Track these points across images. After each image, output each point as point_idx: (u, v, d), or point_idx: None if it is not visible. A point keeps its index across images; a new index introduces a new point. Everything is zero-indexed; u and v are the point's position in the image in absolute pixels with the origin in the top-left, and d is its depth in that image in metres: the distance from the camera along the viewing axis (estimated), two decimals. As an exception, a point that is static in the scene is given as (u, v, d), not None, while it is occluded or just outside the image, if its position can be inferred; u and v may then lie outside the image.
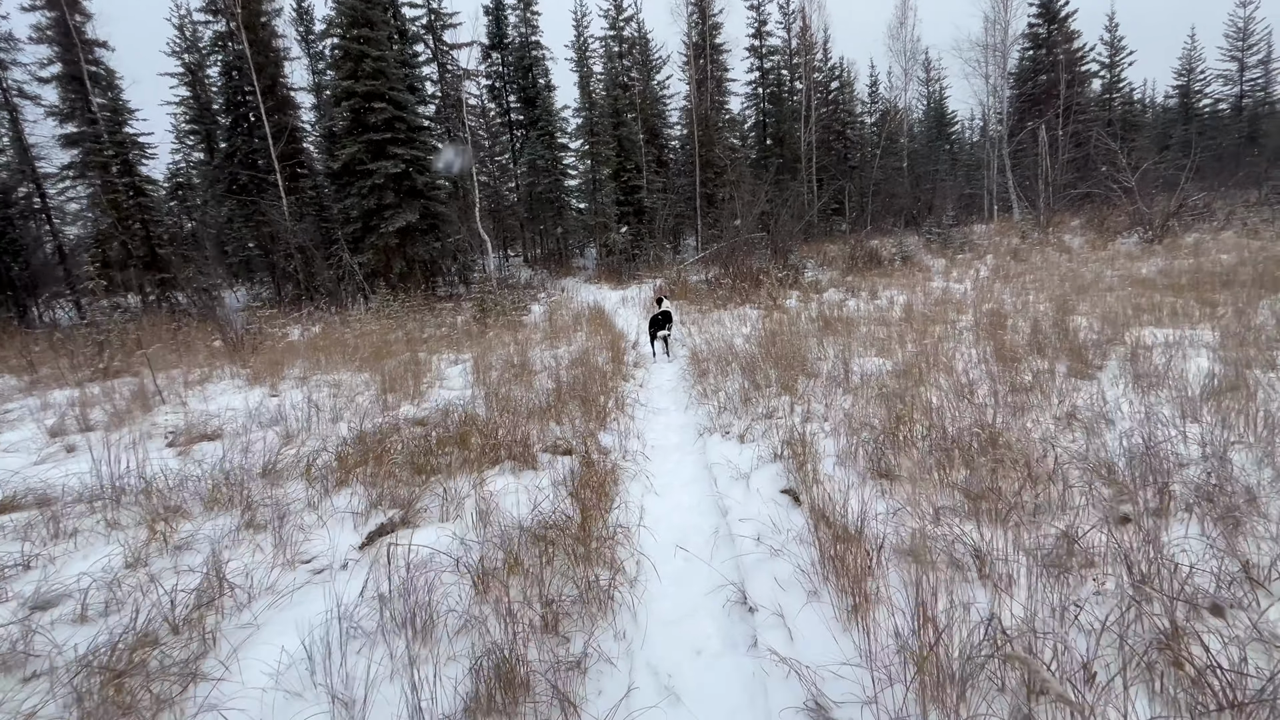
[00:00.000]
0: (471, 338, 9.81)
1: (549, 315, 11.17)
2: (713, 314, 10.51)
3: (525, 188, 25.16)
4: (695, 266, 17.02)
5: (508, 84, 26.42)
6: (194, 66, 20.89)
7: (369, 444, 4.10)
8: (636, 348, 8.53)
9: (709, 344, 7.59)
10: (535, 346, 8.53)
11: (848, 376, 4.81)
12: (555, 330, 9.36)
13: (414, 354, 8.60)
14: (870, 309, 9.38)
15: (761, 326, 8.50)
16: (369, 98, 14.50)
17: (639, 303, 13.01)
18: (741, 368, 5.80)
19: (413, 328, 11.62)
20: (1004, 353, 5.24)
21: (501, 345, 8.96)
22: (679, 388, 6.28)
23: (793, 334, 7.38)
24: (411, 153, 14.99)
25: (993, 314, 6.96)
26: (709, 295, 12.20)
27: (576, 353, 7.53)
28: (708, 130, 23.00)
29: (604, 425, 4.67)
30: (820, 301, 10.61)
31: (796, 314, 9.38)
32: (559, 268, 23.58)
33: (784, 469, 3.35)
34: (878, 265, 14.74)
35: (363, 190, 14.77)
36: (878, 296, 10.57)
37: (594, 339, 8.74)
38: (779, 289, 11.43)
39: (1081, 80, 28.83)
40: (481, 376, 6.45)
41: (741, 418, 4.46)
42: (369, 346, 9.68)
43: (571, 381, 5.87)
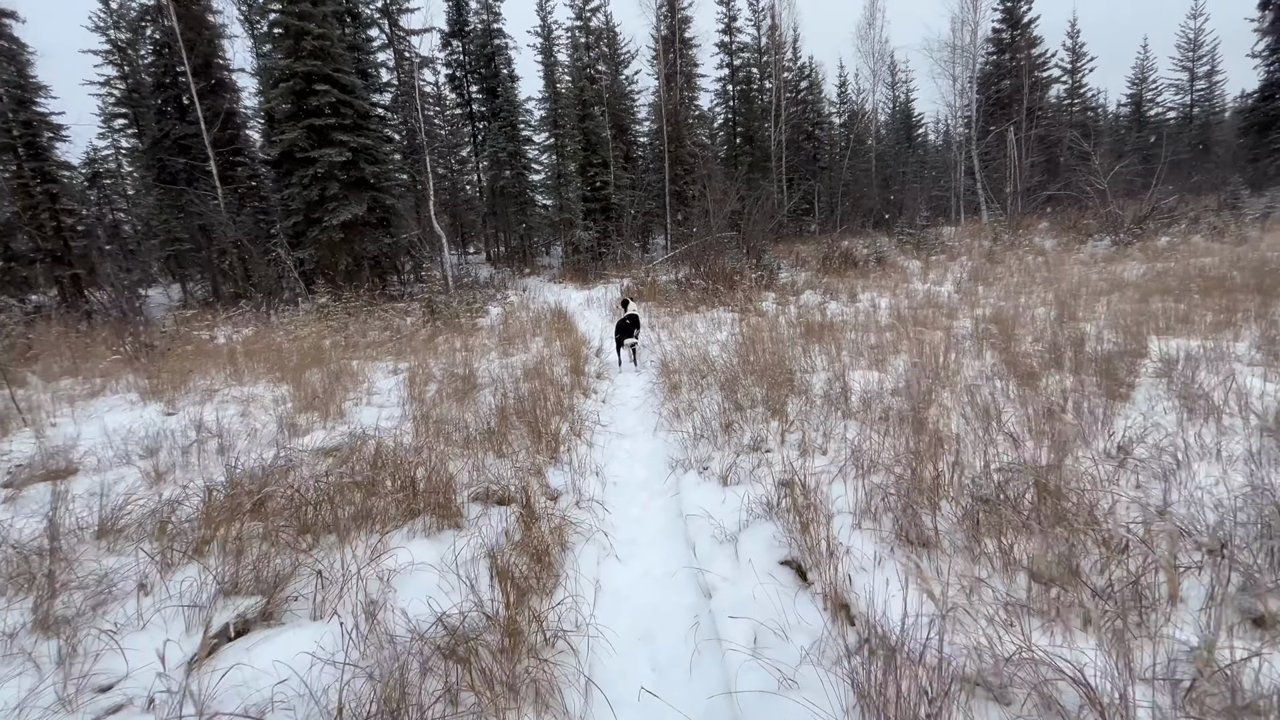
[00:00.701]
0: (417, 344, 8.83)
1: (505, 319, 10.24)
2: (684, 317, 9.76)
3: (488, 182, 24.04)
4: (665, 266, 16.27)
5: (469, 73, 25.21)
6: (122, 44, 19.16)
7: (250, 489, 3.17)
8: (600, 356, 7.71)
9: (681, 352, 6.82)
10: (487, 354, 7.63)
11: (846, 396, 4.09)
12: (510, 335, 8.46)
13: (346, 363, 7.60)
14: (852, 312, 8.76)
15: (738, 332, 7.77)
16: (310, 79, 13.29)
17: (605, 304, 12.18)
18: (719, 382, 5.04)
19: (355, 331, 10.55)
20: (1017, 366, 4.60)
21: (450, 353, 8.02)
22: (647, 404, 5.48)
23: (774, 341, 6.67)
24: (359, 140, 13.83)
25: (992, 320, 6.37)
26: (680, 296, 11.45)
27: (532, 362, 6.67)
28: (677, 126, 22.30)
29: (555, 457, 3.84)
30: (798, 304, 9.97)
31: (774, 318, 8.69)
32: (523, 266, 22.55)
33: (782, 529, 2.58)
34: (853, 266, 14.23)
35: (304, 180, 13.54)
36: (858, 299, 9.99)
37: (553, 345, 7.88)
38: (754, 290, 10.76)
39: (1044, 85, 29.23)
40: (417, 392, 5.53)
41: (722, 449, 3.68)
42: (300, 353, 8.62)
43: (522, 399, 5.02)
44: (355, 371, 7.08)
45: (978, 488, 2.60)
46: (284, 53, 13.30)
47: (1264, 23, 24.18)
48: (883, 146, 34.39)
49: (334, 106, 13.61)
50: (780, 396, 4.28)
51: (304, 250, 13.87)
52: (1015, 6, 28.12)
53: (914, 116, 35.01)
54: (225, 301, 15.19)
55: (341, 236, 13.71)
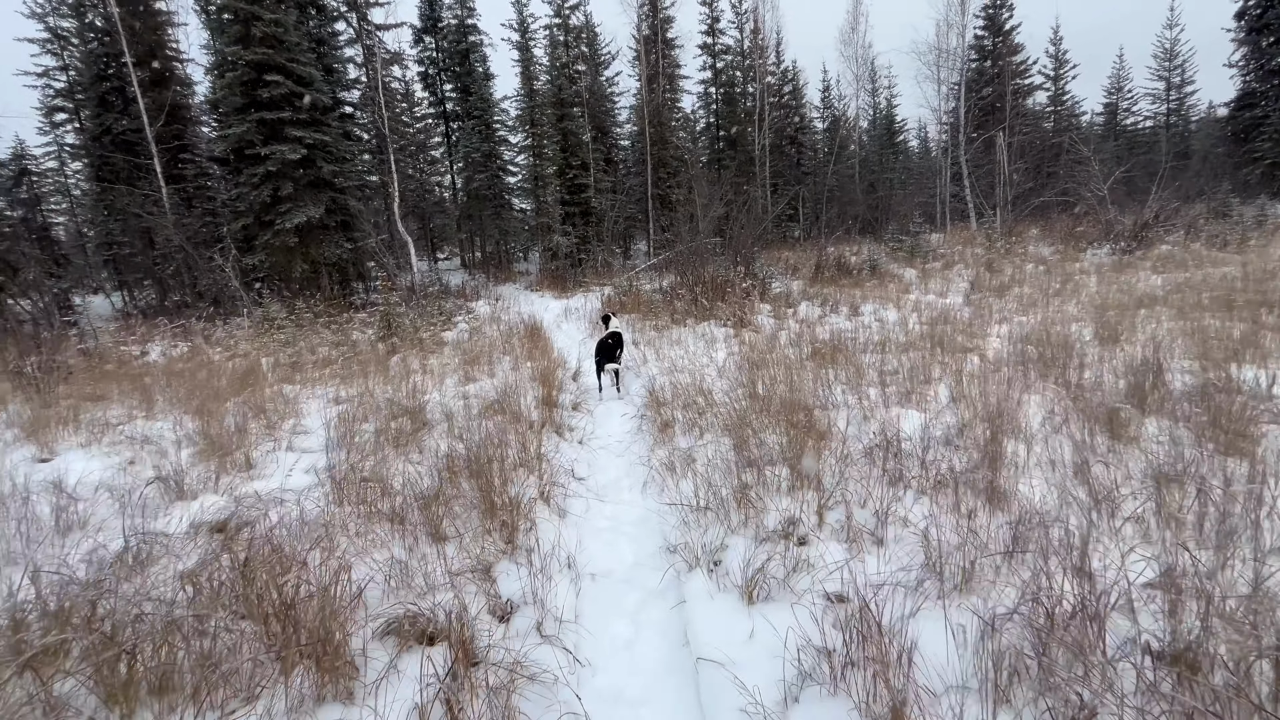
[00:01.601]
0: (370, 364, 7.77)
1: (472, 334, 9.21)
2: (671, 331, 8.83)
3: (462, 184, 22.93)
4: (648, 274, 15.37)
5: (442, 71, 24.10)
6: (64, 32, 17.70)
7: (60, 610, 2.14)
8: (578, 380, 6.74)
9: (672, 376, 5.89)
10: (445, 380, 6.60)
11: (893, 450, 3.18)
12: (475, 355, 7.44)
13: (281, 389, 6.52)
14: (855, 327, 7.93)
15: (736, 352, 6.86)
16: (261, 69, 12.13)
17: (584, 315, 11.21)
18: (723, 423, 4.11)
19: (304, 347, 9.42)
20: (1085, 403, 3.76)
21: (404, 375, 6.98)
22: (633, 446, 4.53)
23: (778, 364, 5.77)
24: (316, 136, 12.69)
25: (1026, 339, 5.54)
26: (665, 307, 10.53)
27: (498, 389, 5.67)
28: (660, 127, 21.48)
29: (513, 541, 2.86)
30: (796, 318, 9.12)
31: (773, 334, 7.81)
32: (499, 272, 21.46)
33: (855, 710, 1.64)
34: (847, 275, 13.47)
35: (254, 179, 12.36)
36: (860, 312, 9.17)
37: (524, 367, 6.89)
38: (747, 302, 9.88)
39: (1025, 92, 29.12)
40: (350, 433, 4.51)
41: (737, 530, 2.74)
42: (233, 374, 7.50)
43: (478, 444, 4.03)
44: (290, 400, 6.01)
45: (1140, 638, 1.69)
46: (231, 39, 12.13)
47: (1239, 33, 24.24)
48: (866, 152, 34.02)
49: (287, 99, 12.46)
50: (802, 445, 3.36)
51: (255, 256, 12.66)
52: (997, 14, 28.00)
53: (897, 122, 34.72)
54: (168, 311, 13.89)
55: (296, 241, 12.54)
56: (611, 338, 6.32)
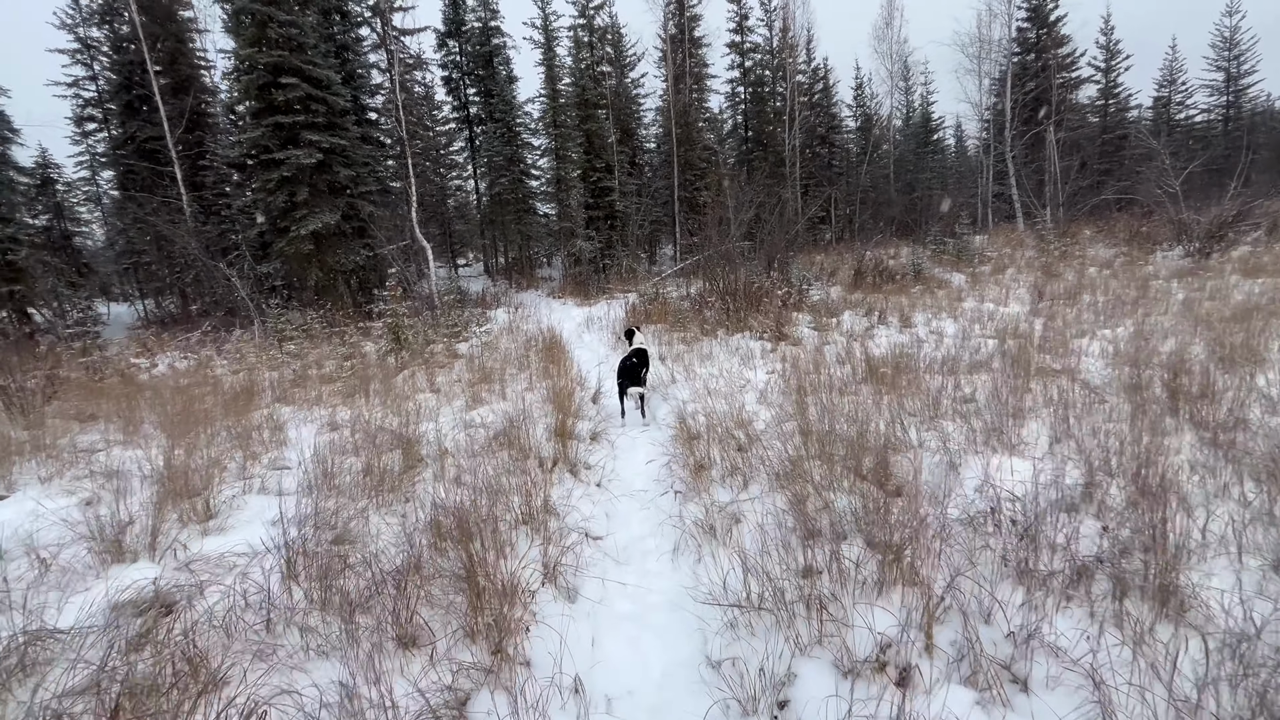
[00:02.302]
0: (376, 380, 7.19)
1: (487, 348, 8.58)
2: (701, 344, 8.08)
3: (486, 189, 22.53)
4: (674, 280, 14.64)
5: (465, 75, 23.79)
6: (93, 42, 17.81)
7: None
8: (598, 402, 6.03)
9: (704, 401, 5.14)
10: (454, 400, 5.97)
11: (1008, 523, 2.38)
12: (487, 373, 6.79)
13: (275, 410, 5.97)
14: (910, 341, 7.06)
15: (776, 370, 6.08)
16: (277, 71, 11.78)
17: (607, 325, 10.53)
18: (771, 470, 3.35)
19: (313, 360, 8.93)
20: (1243, 458, 2.90)
21: (408, 395, 6.37)
22: (661, 492, 3.80)
23: (828, 388, 4.97)
24: (332, 140, 12.30)
25: (1131, 360, 4.63)
26: (694, 317, 9.78)
27: (508, 415, 5.00)
28: (687, 127, 20.75)
29: (504, 647, 2.15)
30: (840, 329, 8.27)
31: (817, 349, 6.99)
32: (521, 279, 20.97)
33: None
34: (889, 280, 12.53)
35: (269, 184, 12.01)
36: (912, 323, 8.28)
37: (539, 386, 6.22)
38: (784, 311, 9.07)
39: (1073, 86, 27.57)
40: (330, 471, 3.87)
41: (809, 651, 1.99)
42: (229, 392, 7.00)
43: (476, 493, 3.35)
44: (279, 425, 5.43)
45: None
46: (247, 42, 11.81)
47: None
48: (900, 151, 32.75)
49: (303, 102, 12.09)
50: (882, 509, 2.59)
51: (270, 263, 12.31)
52: (1042, 4, 26.55)
53: (934, 119, 33.34)
54: (187, 321, 13.67)
55: (311, 248, 12.14)
56: (635, 355, 5.60)
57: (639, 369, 5.45)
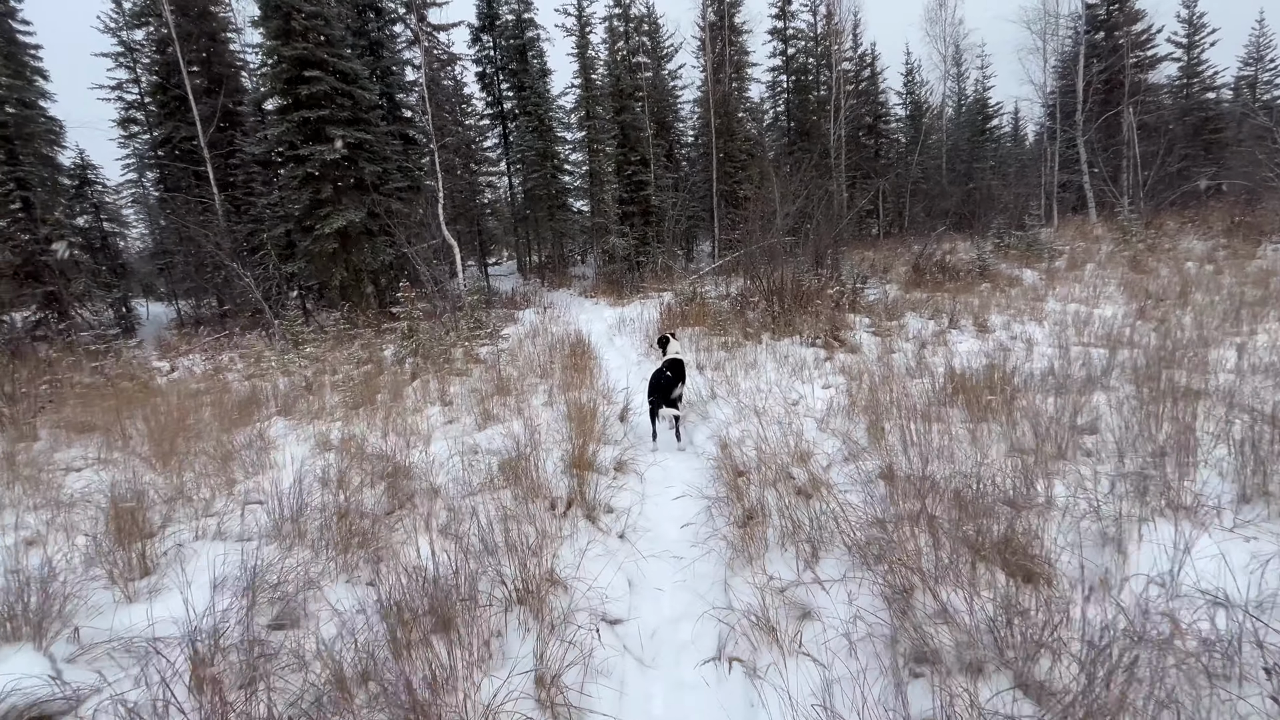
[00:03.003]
0: (387, 389, 6.59)
1: (510, 354, 7.89)
2: (744, 350, 7.21)
3: (520, 185, 22.05)
4: (712, 277, 13.76)
5: (500, 70, 23.36)
6: (135, 45, 18.02)
7: None
8: (626, 420, 5.24)
9: (750, 424, 4.30)
10: (462, 416, 5.28)
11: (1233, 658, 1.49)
12: (504, 384, 6.09)
13: (269, 426, 5.40)
14: (992, 348, 6.04)
15: (837, 386, 5.17)
16: (301, 64, 11.41)
17: (640, 328, 9.74)
18: (852, 538, 2.50)
19: (325, 365, 8.45)
20: None
21: (419, 407, 5.72)
22: (697, 543, 2.99)
23: (902, 408, 4.06)
24: (358, 135, 11.88)
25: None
26: (735, 319, 8.89)
27: (522, 436, 4.27)
28: (727, 117, 19.75)
29: None
30: (903, 333, 7.26)
31: (881, 357, 6.04)
32: (554, 277, 20.40)
33: None
34: (951, 277, 11.35)
35: (294, 181, 11.67)
36: (988, 327, 7.21)
37: (559, 401, 5.47)
38: (837, 313, 8.11)
39: (1149, 65, 25.28)
40: (303, 511, 3.21)
41: None
42: (237, 400, 6.52)
43: (466, 551, 2.62)
44: (269, 445, 4.85)
45: None
46: (271, 34, 11.48)
47: None
48: (953, 140, 30.85)
49: (329, 96, 11.70)
50: (1023, 613, 1.73)
51: (296, 263, 11.99)
52: (1115, -24, 24.42)
53: (990, 106, 31.30)
54: (215, 322, 13.53)
55: (336, 246, 11.76)
56: (670, 368, 4.79)
57: (673, 385, 4.65)
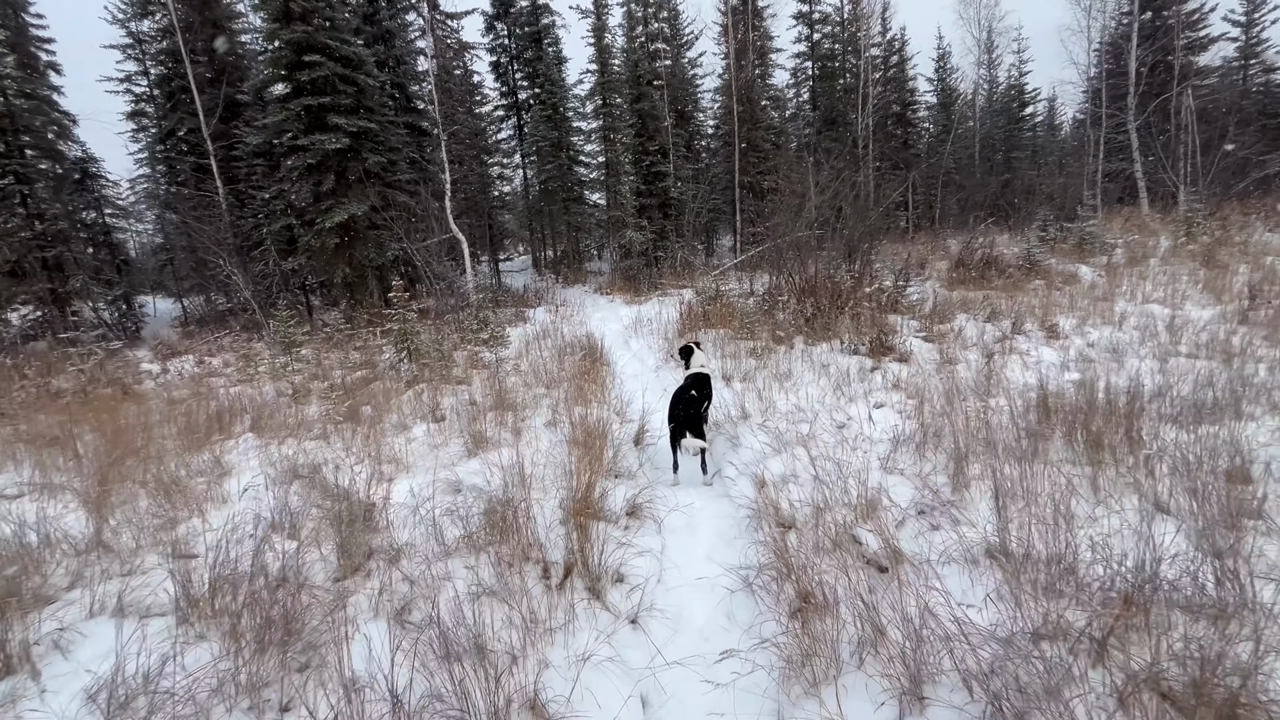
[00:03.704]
0: (375, 400, 5.91)
1: (515, 363, 7.15)
2: (775, 357, 6.39)
3: (534, 177, 21.33)
4: (735, 273, 12.92)
5: (514, 59, 22.64)
6: (144, 36, 17.63)
7: None
8: (641, 445, 4.47)
9: (794, 454, 3.51)
10: (451, 440, 4.56)
11: None
12: (504, 397, 5.35)
13: (234, 446, 4.74)
14: (1073, 358, 5.15)
15: (894, 406, 4.33)
16: (301, 49, 10.79)
17: (658, 329, 8.96)
18: (967, 668, 1.71)
19: (318, 369, 7.82)
20: None
21: (410, 418, 5.02)
22: (736, 637, 2.22)
23: (983, 439, 3.23)
24: (360, 123, 11.23)
25: None
26: (763, 321, 8.05)
27: (514, 471, 3.53)
28: (750, 104, 18.79)
29: None
30: (962, 340, 6.36)
31: (940, 368, 5.18)
32: (569, 273, 19.68)
33: None
34: (998, 273, 10.36)
35: (294, 173, 11.08)
36: (1058, 332, 6.29)
37: (565, 418, 4.72)
38: (879, 314, 7.23)
39: (1200, 47, 23.68)
40: (215, 591, 2.50)
41: None
42: (210, 412, 5.89)
43: (428, 649, 1.89)
44: (228, 470, 4.19)
45: None
46: (271, 17, 10.87)
47: None
48: (987, 129, 29.41)
49: (330, 82, 11.07)
50: None
51: (297, 258, 11.41)
52: (1166, -48, 22.87)
53: (1027, 92, 29.74)
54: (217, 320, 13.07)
55: (338, 241, 11.15)
56: (694, 384, 4.01)
57: (698, 405, 3.86)
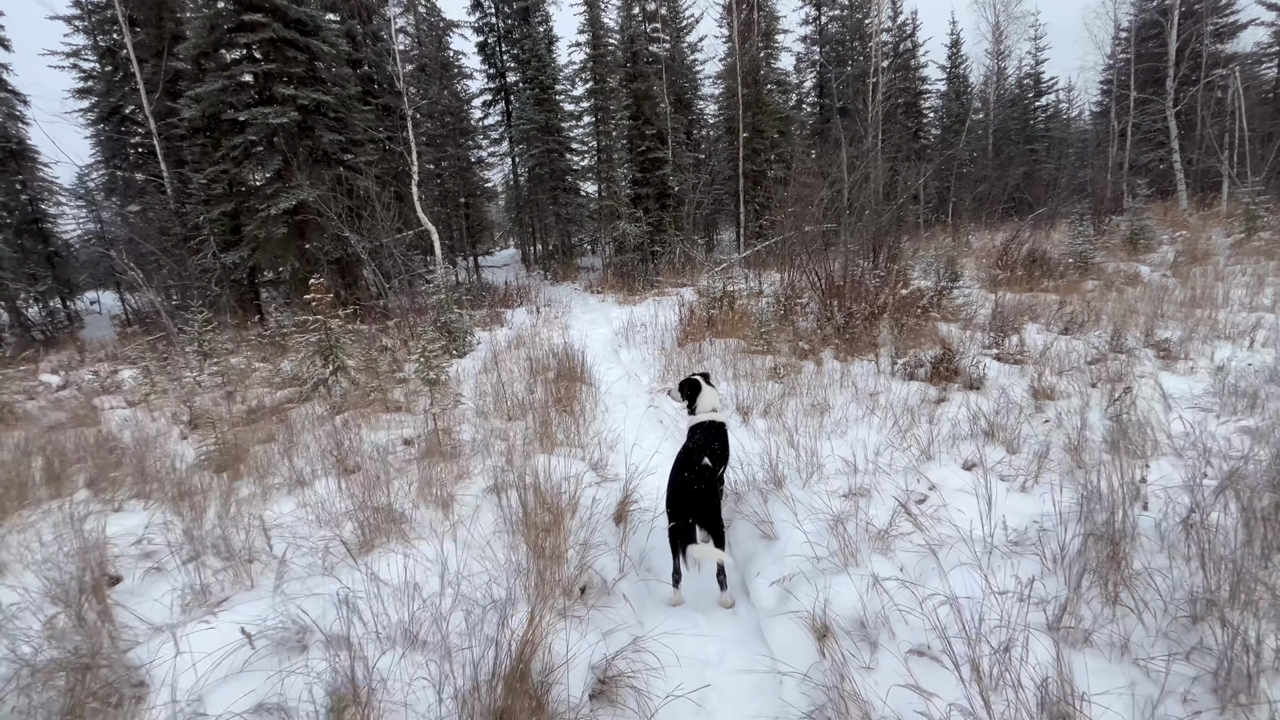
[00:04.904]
0: (287, 433, 4.49)
1: (454, 395, 5.69)
2: (800, 379, 4.98)
3: (522, 164, 19.81)
4: (740, 270, 11.52)
5: (501, 38, 21.12)
6: (91, 5, 16.06)
7: None
8: (624, 525, 3.03)
9: (863, 553, 2.12)
10: (341, 523, 3.14)
11: None
12: (441, 442, 3.91)
13: (62, 510, 3.32)
14: (1218, 387, 3.77)
15: (1003, 460, 2.93)
16: (243, 6, 9.29)
17: (653, 336, 7.53)
18: None
19: (244, 385, 6.38)
20: None
21: (325, 462, 3.60)
22: None
23: (1201, 554, 1.85)
24: (313, 96, 9.76)
25: None
26: (780, 328, 6.61)
27: (405, 597, 2.13)
28: (756, 86, 17.33)
29: None
30: (1049, 361, 4.95)
31: (1037, 403, 3.79)
32: (561, 269, 18.23)
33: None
34: (1047, 273, 8.97)
35: (234, 153, 9.61)
36: (1169, 350, 4.88)
37: (521, 475, 3.30)
38: (924, 321, 5.83)
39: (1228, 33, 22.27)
40: None
41: None
42: (88, 448, 4.46)
43: None
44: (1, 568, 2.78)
45: None
46: (207, -30, 9.39)
47: None
48: (1001, 119, 27.96)
49: (275, 46, 9.58)
50: None
51: (238, 251, 9.93)
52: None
53: (1044, 82, 28.28)
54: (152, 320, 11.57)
55: (285, 231, 9.68)
56: (707, 440, 2.61)
57: (711, 480, 2.45)
